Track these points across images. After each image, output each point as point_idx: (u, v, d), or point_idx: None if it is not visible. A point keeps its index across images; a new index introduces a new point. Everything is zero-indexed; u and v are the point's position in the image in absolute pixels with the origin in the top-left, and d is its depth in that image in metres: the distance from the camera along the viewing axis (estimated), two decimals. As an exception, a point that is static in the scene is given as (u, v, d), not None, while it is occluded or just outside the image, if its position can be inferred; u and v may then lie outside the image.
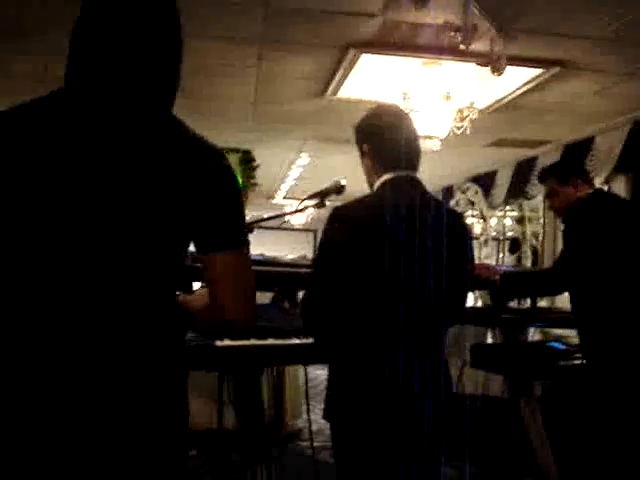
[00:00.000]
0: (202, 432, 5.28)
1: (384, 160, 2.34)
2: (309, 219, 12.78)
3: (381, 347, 2.17)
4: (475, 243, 10.07)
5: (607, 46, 4.23)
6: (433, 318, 2.21)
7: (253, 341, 2.41)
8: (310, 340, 2.48)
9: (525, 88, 5.19)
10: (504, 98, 5.51)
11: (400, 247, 2.16)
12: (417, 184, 2.35)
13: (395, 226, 2.18)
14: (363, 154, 2.40)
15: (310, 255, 5.40)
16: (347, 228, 2.19)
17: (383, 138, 2.35)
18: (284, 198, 12.26)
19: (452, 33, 3.84)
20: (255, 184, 8.76)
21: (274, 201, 12.55)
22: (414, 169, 2.36)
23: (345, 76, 4.98)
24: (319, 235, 2.37)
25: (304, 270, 2.81)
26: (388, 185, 2.30)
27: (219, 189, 1.57)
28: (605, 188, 3.54)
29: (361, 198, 2.32)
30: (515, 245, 9.11)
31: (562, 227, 3.65)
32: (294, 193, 11.43)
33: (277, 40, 4.44)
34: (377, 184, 2.33)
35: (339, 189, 2.60)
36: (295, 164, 8.99)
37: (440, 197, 10.68)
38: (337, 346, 2.26)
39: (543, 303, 5.81)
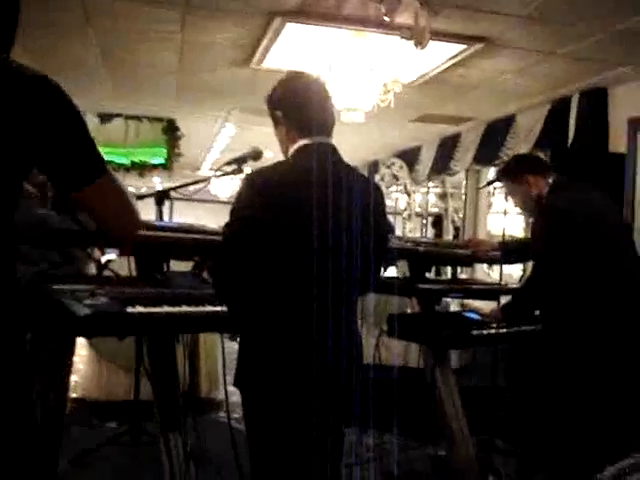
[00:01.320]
0: (120, 403, 5.26)
1: (297, 125, 2.33)
2: (234, 192, 12.68)
3: (292, 315, 2.17)
4: (399, 218, 10.21)
5: (529, 24, 4.28)
6: (345, 286, 2.22)
7: (166, 308, 2.38)
8: (225, 308, 2.45)
9: (449, 64, 5.23)
10: (428, 73, 5.54)
11: (313, 214, 2.15)
12: (332, 151, 2.34)
13: (308, 192, 2.16)
14: (276, 122, 2.39)
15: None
16: (260, 194, 2.17)
17: (296, 104, 2.35)
18: (210, 170, 12.12)
19: (376, 5, 3.83)
20: (179, 154, 8.63)
21: (200, 172, 12.39)
22: (328, 135, 2.35)
23: (270, 45, 4.92)
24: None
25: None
26: (302, 151, 2.29)
27: (65, 123, 1.59)
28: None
29: (275, 164, 2.30)
30: (438, 221, 9.24)
31: (530, 221, 3.68)
32: (220, 165, 11.30)
33: (201, 6, 4.35)
34: (291, 150, 2.32)
35: (256, 155, 2.58)
36: (220, 135, 8.87)
37: (365, 172, 10.75)
38: (248, 314, 2.24)
39: (463, 275, 5.93)
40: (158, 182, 12.23)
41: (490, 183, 4.95)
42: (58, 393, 3.59)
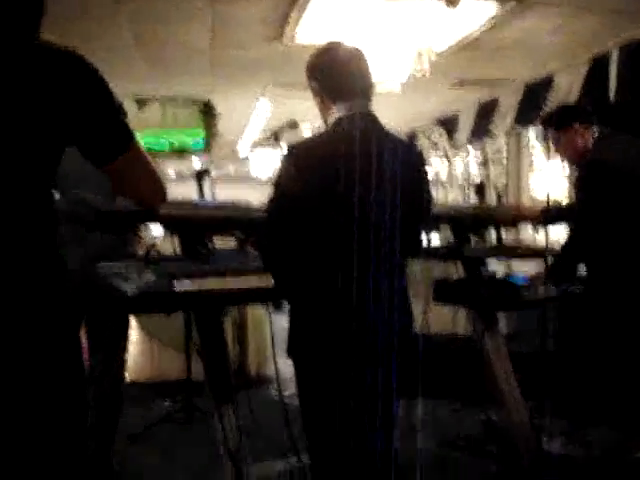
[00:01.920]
0: (172, 382, 5.33)
1: (331, 93, 2.32)
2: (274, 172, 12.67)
3: (340, 283, 2.16)
4: (441, 188, 10.12)
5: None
6: (391, 253, 2.21)
7: (212, 281, 2.39)
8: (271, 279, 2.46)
9: (483, 27, 5.15)
10: (463, 38, 5.46)
11: (354, 183, 2.14)
12: (372, 119, 2.33)
13: (348, 162, 2.15)
14: (313, 92, 2.38)
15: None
16: (300, 166, 2.17)
17: (328, 71, 2.33)
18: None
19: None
20: (217, 134, 8.65)
21: (238, 152, 12.42)
22: (366, 98, 2.33)
23: (298, 18, 4.88)
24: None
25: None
26: (341, 120, 2.27)
27: (94, 95, 1.62)
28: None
29: (316, 135, 2.31)
30: (480, 189, 9.14)
31: (575, 174, 3.58)
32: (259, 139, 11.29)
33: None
34: (330, 120, 2.31)
35: (292, 125, 2.57)
36: (256, 111, 8.86)
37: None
38: (296, 284, 2.25)
39: (509, 240, 5.86)
40: (198, 163, 12.30)
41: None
42: (115, 371, 3.66)
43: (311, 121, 2.45)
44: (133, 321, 5.56)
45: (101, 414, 3.39)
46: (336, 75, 2.32)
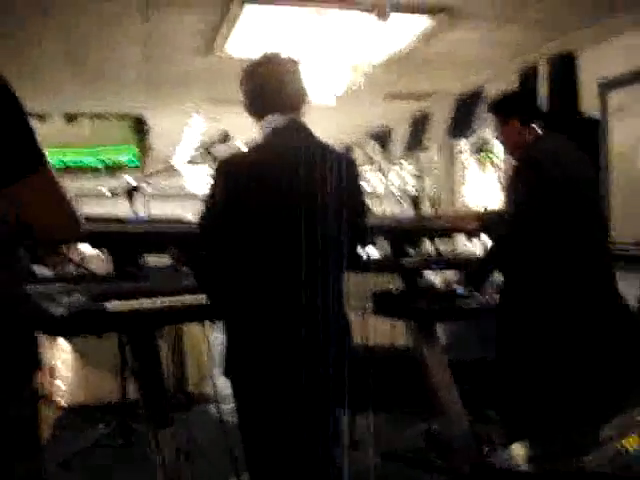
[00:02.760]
0: (108, 405, 5.19)
1: (258, 107, 2.31)
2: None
3: (275, 298, 2.12)
4: (376, 200, 10.16)
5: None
6: (327, 264, 2.17)
7: (145, 301, 2.32)
8: (205, 297, 2.40)
9: (414, 40, 5.20)
10: (396, 51, 5.51)
11: (288, 195, 2.12)
12: (304, 129, 2.31)
13: (278, 172, 2.14)
14: (246, 101, 2.35)
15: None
16: (228, 179, 2.14)
17: (262, 83, 2.30)
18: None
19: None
20: (150, 149, 8.54)
21: (175, 166, 12.27)
22: (293, 111, 2.31)
23: (229, 30, 4.84)
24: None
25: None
26: (273, 130, 2.25)
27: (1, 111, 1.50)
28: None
29: (245, 149, 2.27)
30: (416, 201, 9.22)
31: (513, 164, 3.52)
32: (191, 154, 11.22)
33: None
34: (261, 131, 2.28)
35: (225, 138, 2.53)
36: (190, 127, 8.78)
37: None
38: (229, 301, 2.20)
39: (442, 247, 5.90)
40: (131, 179, 12.12)
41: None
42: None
43: (246, 136, 2.40)
44: (66, 344, 5.41)
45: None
46: (266, 86, 2.29)
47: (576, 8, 4.56)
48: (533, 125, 3.35)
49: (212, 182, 2.17)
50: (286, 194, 2.12)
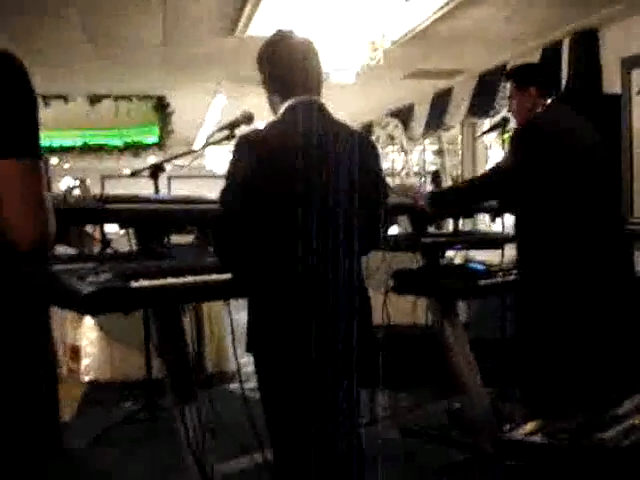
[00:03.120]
0: (134, 382, 5.27)
1: (280, 86, 2.31)
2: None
3: (297, 274, 2.15)
4: (397, 178, 10.16)
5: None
6: (348, 242, 2.20)
7: (169, 279, 2.36)
8: (229, 275, 2.43)
9: (436, 16, 5.16)
10: (417, 28, 5.47)
11: (306, 172, 2.13)
12: (322, 108, 2.32)
13: (298, 150, 2.14)
14: (263, 83, 2.37)
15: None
16: (250, 156, 2.15)
17: (276, 64, 2.32)
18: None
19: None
20: (172, 131, 8.58)
21: (196, 146, 12.33)
22: (314, 93, 2.33)
23: (253, 11, 4.85)
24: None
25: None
26: (292, 110, 2.27)
27: (6, 92, 1.46)
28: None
29: (266, 126, 2.28)
30: (436, 177, 9.20)
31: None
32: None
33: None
34: (281, 110, 2.29)
35: (248, 118, 2.55)
36: (212, 107, 8.79)
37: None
38: (253, 278, 2.23)
39: (465, 229, 5.90)
40: (153, 160, 12.18)
41: (486, 132, 4.87)
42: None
43: (268, 115, 2.42)
44: (91, 321, 5.49)
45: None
46: (284, 67, 2.30)
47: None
48: (548, 98, 3.35)
49: (234, 158, 2.20)
50: (307, 172, 2.14)
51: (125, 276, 2.31)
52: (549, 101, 3.34)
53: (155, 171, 2.98)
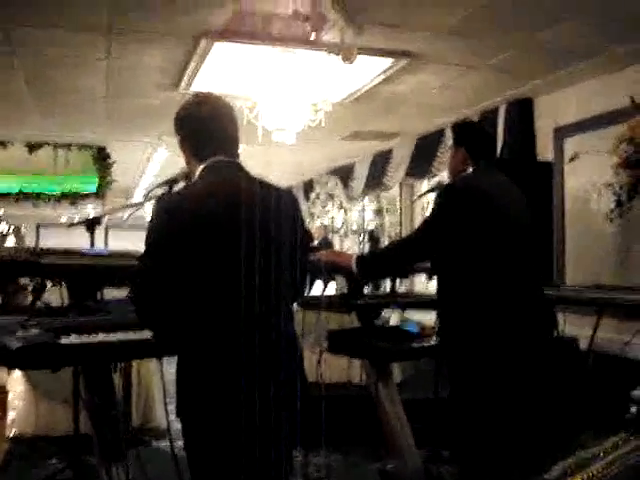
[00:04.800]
0: (60, 438, 5.11)
1: (199, 149, 2.32)
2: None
3: (223, 334, 2.11)
4: (336, 236, 10.25)
5: (451, 38, 4.37)
6: (274, 301, 2.19)
7: (100, 336, 2.32)
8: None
9: (377, 80, 5.31)
10: (358, 90, 5.61)
11: (229, 231, 2.13)
12: (239, 168, 2.33)
13: (223, 209, 2.15)
14: (181, 144, 2.38)
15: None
16: (169, 217, 2.14)
17: (196, 125, 2.32)
18: (143, 196, 11.98)
19: (302, 23, 3.85)
20: (111, 181, 8.51)
21: (133, 200, 12.25)
22: (230, 155, 2.33)
23: (198, 67, 4.91)
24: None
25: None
26: (209, 170, 2.27)
27: None
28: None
29: (184, 187, 2.29)
30: (372, 237, 9.31)
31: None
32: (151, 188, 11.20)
33: (125, 30, 4.31)
34: (197, 172, 2.30)
35: (186, 175, 2.55)
36: (152, 160, 8.79)
37: (301, 191, 10.79)
38: (178, 341, 2.18)
39: (402, 289, 5.97)
40: (91, 210, 12.05)
41: (423, 194, 4.96)
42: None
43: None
44: (19, 374, 5.33)
45: None
46: (200, 130, 2.32)
47: (535, 57, 4.71)
48: (480, 160, 3.36)
49: (150, 222, 2.18)
50: (225, 231, 2.13)
51: (55, 331, 2.27)
52: (480, 164, 3.35)
53: (92, 224, 2.95)
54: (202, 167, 2.29)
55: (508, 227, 3.21)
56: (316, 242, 8.19)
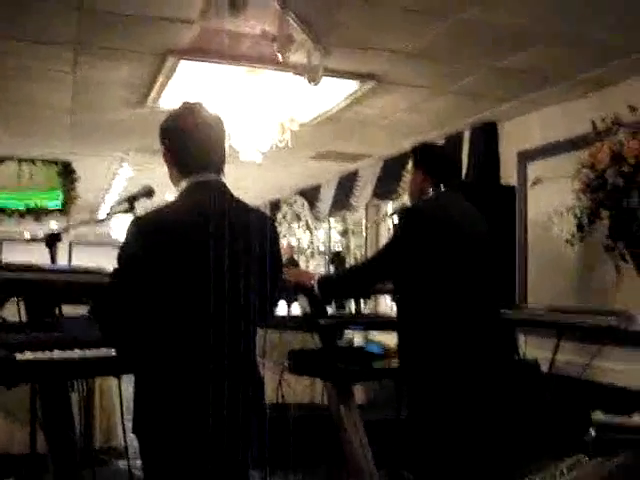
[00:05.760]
0: (17, 457, 5.01)
1: (184, 163, 2.27)
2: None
3: (185, 354, 2.11)
4: (302, 256, 10.24)
5: (416, 62, 4.42)
6: (239, 321, 2.18)
7: (57, 353, 2.29)
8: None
9: (344, 102, 5.34)
10: (325, 112, 5.64)
11: (201, 251, 2.11)
12: (222, 187, 2.30)
13: (195, 230, 2.13)
14: (164, 156, 2.33)
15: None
16: (144, 236, 2.11)
17: (183, 139, 2.26)
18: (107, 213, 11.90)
19: (270, 43, 3.86)
20: (76, 197, 8.43)
21: (97, 215, 12.14)
22: (216, 172, 2.30)
23: (164, 84, 4.89)
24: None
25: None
26: (192, 190, 2.24)
27: None
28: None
29: (164, 205, 2.23)
30: (337, 258, 9.33)
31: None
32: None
33: (92, 45, 4.28)
34: (180, 188, 2.27)
35: (148, 193, 2.53)
36: (118, 176, 8.73)
37: (267, 210, 10.79)
38: (140, 357, 2.17)
39: (366, 310, 5.97)
40: (55, 226, 11.92)
41: (387, 216, 4.99)
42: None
43: (174, 191, 2.39)
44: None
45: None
46: (186, 143, 2.25)
47: (500, 82, 4.77)
48: (440, 183, 3.38)
49: (127, 237, 2.15)
50: (200, 251, 2.11)
51: (10, 347, 2.23)
52: (441, 187, 3.38)
53: (52, 240, 2.91)
54: (184, 185, 2.25)
55: (466, 250, 3.24)
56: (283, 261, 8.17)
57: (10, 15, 3.81)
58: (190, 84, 4.89)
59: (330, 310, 4.03)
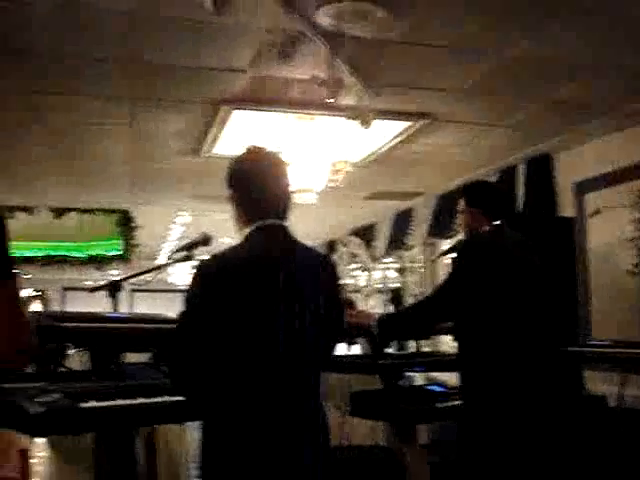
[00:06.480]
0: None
1: (250, 208, 2.27)
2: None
3: (254, 401, 2.11)
4: (359, 295, 10.20)
5: (468, 98, 4.43)
6: (308, 369, 2.18)
7: (120, 401, 2.32)
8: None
9: (396, 141, 5.36)
10: (377, 151, 5.66)
11: (271, 297, 2.12)
12: (286, 232, 2.30)
13: (265, 275, 2.14)
14: (231, 200, 2.33)
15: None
16: (210, 280, 2.12)
17: (250, 185, 2.26)
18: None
19: (320, 88, 3.91)
20: (136, 245, 8.59)
21: (157, 262, 12.33)
22: (283, 219, 2.30)
23: (219, 133, 4.99)
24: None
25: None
26: (256, 235, 2.24)
27: None
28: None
29: (228, 249, 2.23)
30: (395, 296, 9.26)
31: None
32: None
33: (147, 97, 4.42)
34: (245, 233, 2.28)
35: (205, 240, 2.56)
36: (176, 223, 8.88)
37: (324, 252, 10.81)
38: (208, 403, 2.17)
39: (427, 348, 5.91)
40: (116, 274, 12.14)
41: (444, 254, 4.95)
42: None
43: (231, 231, 2.40)
44: (41, 439, 5.31)
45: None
46: (253, 189, 2.26)
47: (552, 114, 4.74)
48: (496, 219, 3.35)
49: (192, 282, 2.17)
50: (266, 294, 2.12)
51: (75, 396, 2.27)
52: (496, 222, 3.35)
53: (113, 288, 2.97)
54: (249, 230, 2.25)
55: (523, 285, 3.20)
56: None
57: (72, 72, 3.95)
58: (243, 131, 4.98)
59: (391, 350, 4.00)
